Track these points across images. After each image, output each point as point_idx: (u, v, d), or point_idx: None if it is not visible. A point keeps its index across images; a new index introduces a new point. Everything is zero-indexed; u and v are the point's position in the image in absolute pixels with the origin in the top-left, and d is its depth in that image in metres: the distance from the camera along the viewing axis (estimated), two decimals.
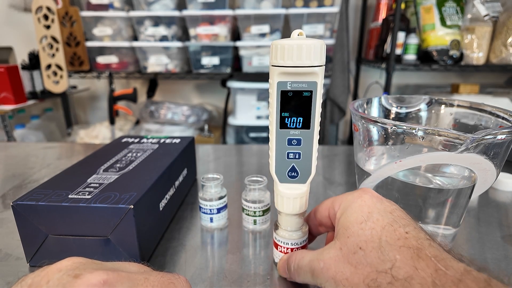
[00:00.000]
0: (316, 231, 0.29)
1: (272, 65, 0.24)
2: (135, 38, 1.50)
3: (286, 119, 0.25)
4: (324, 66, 0.24)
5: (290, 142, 0.26)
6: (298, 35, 0.25)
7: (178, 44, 1.39)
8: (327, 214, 0.26)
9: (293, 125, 0.25)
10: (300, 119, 0.25)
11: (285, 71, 0.23)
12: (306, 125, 0.25)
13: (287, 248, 0.29)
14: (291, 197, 0.27)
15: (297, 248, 0.29)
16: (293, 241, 0.28)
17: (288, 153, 0.26)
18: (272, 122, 0.26)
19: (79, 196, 0.29)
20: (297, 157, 0.26)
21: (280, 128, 0.25)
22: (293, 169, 0.27)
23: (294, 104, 0.25)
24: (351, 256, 0.21)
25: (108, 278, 0.17)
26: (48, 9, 1.36)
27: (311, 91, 0.24)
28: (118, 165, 0.36)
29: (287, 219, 0.28)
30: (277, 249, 0.30)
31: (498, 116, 0.32)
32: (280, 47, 0.23)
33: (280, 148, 0.26)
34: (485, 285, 0.16)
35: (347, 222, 0.22)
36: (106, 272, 0.17)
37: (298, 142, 0.26)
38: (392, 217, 0.21)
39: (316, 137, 0.26)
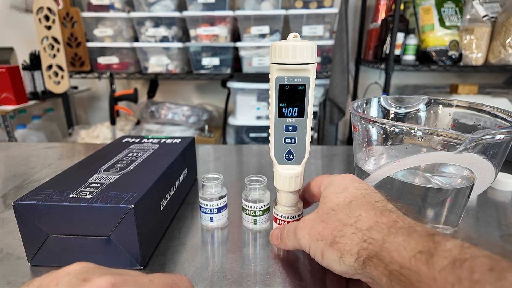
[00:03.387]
0: (310, 199, 0.33)
1: (272, 63, 0.28)
2: (135, 38, 1.50)
3: (284, 109, 0.29)
4: (315, 64, 0.27)
5: (287, 128, 0.30)
6: (293, 37, 0.28)
7: (179, 44, 1.39)
8: (318, 190, 0.30)
9: (289, 114, 0.29)
10: (295, 109, 0.29)
11: (282, 67, 0.27)
12: (301, 114, 0.29)
13: (284, 221, 0.33)
14: (288, 177, 0.31)
15: (293, 222, 0.32)
16: (289, 215, 0.33)
17: (285, 138, 0.30)
18: (272, 112, 0.29)
19: (80, 196, 0.29)
20: (293, 141, 0.30)
21: (278, 116, 0.29)
22: (289, 152, 0.31)
23: (290, 96, 0.28)
24: (324, 216, 0.25)
25: (116, 281, 0.17)
26: (49, 9, 1.36)
27: (304, 85, 0.28)
28: (119, 165, 0.37)
29: (284, 195, 0.32)
30: (275, 222, 0.34)
31: (496, 116, 0.33)
32: (278, 48, 0.27)
33: (278, 134, 0.30)
34: (432, 232, 0.19)
35: (326, 193, 0.27)
36: (114, 276, 0.17)
37: (294, 128, 0.30)
38: (365, 191, 0.25)
39: (309, 124, 0.29)
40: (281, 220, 0.33)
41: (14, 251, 0.32)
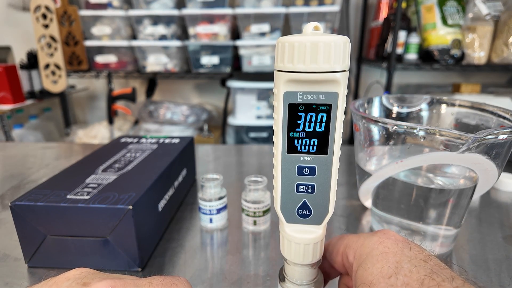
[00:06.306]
0: (326, 275, 0.23)
1: (278, 70, 0.18)
2: (134, 37, 1.49)
3: (296, 140, 0.19)
4: (347, 72, 0.18)
5: (300, 171, 0.20)
6: (313, 29, 0.18)
7: (178, 43, 1.38)
8: (341, 260, 0.21)
9: (305, 148, 0.19)
10: (314, 141, 0.19)
11: (294, 78, 0.18)
12: (322, 149, 0.19)
13: None
14: (302, 243, 0.21)
15: None
16: None
17: (298, 185, 0.20)
18: (277, 144, 0.20)
19: (78, 197, 0.29)
20: (309, 190, 0.20)
21: (288, 152, 0.20)
22: (304, 206, 0.21)
23: (307, 122, 0.19)
24: None
25: (115, 285, 0.18)
26: (47, 8, 1.35)
27: (329, 105, 0.18)
28: (117, 165, 0.36)
29: (296, 269, 0.22)
30: None
31: (499, 116, 0.32)
32: (288, 46, 0.17)
33: (287, 178, 0.20)
34: None
35: (369, 276, 0.17)
36: (114, 280, 0.18)
37: (312, 171, 0.20)
38: (429, 266, 0.16)
39: (336, 165, 0.20)
40: None
41: (11, 252, 0.32)
